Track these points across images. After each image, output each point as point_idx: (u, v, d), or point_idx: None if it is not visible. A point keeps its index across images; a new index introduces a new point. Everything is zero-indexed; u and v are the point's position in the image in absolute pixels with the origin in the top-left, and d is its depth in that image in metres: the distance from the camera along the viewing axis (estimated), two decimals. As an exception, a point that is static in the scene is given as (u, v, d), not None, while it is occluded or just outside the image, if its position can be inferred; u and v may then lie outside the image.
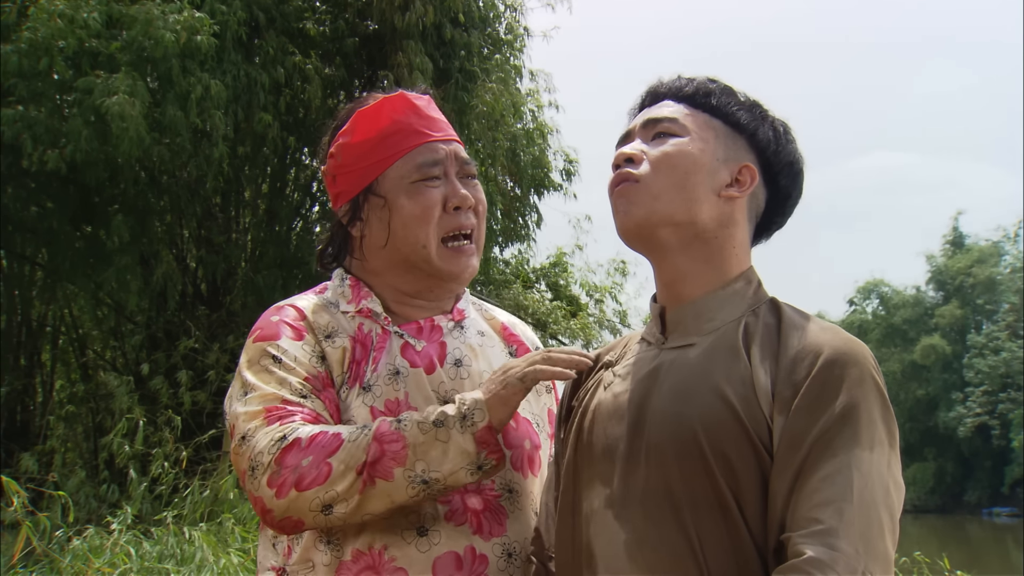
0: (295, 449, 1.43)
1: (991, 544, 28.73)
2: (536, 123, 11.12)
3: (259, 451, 1.45)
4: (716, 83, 1.47)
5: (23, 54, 7.04)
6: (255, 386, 1.52)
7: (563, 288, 13.17)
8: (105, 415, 8.85)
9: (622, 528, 1.32)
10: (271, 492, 1.43)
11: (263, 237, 10.27)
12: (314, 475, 1.42)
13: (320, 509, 1.42)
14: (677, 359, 1.37)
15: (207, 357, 8.39)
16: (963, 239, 49.17)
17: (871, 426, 1.25)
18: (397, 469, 1.42)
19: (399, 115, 1.65)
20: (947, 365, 45.52)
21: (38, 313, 9.95)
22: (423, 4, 8.94)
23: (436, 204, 1.61)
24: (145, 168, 8.64)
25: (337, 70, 9.88)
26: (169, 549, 4.84)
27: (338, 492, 1.42)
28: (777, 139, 1.45)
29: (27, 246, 9.15)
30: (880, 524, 1.21)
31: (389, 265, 1.65)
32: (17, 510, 4.45)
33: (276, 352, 1.55)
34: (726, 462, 1.26)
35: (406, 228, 1.61)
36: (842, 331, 1.33)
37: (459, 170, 1.66)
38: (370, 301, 1.64)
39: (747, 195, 1.42)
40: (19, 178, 8.03)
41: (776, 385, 1.28)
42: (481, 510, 1.54)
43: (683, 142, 1.41)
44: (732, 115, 1.44)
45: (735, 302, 1.39)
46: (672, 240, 1.40)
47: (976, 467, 43.30)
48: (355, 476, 1.42)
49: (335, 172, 1.68)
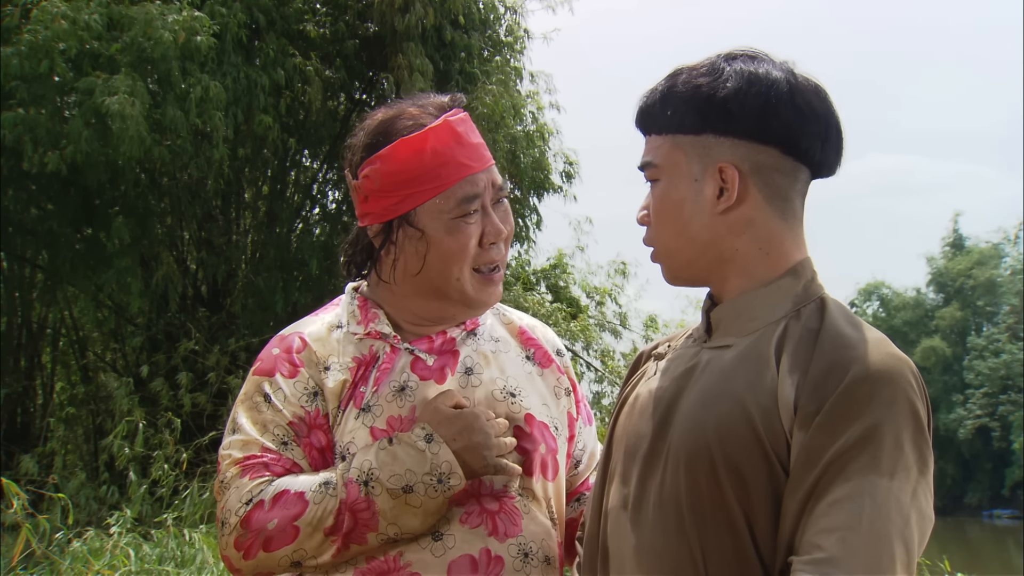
0: (259, 511, 1.47)
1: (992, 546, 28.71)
2: (536, 125, 11.11)
3: (228, 509, 1.50)
4: (656, 95, 1.35)
5: (24, 56, 7.05)
6: (242, 427, 1.56)
7: (563, 290, 13.16)
8: (105, 417, 8.85)
9: (633, 531, 1.30)
10: (239, 554, 1.48)
11: (263, 239, 10.26)
12: (281, 538, 1.46)
13: (290, 566, 1.48)
14: (712, 360, 1.32)
15: (207, 359, 8.39)
16: (963, 241, 49.18)
17: (896, 451, 1.16)
18: (370, 534, 1.47)
19: (442, 146, 1.60)
20: (947, 367, 45.51)
21: (38, 315, 9.94)
22: (423, 6, 8.95)
23: (473, 238, 1.59)
24: (145, 170, 8.65)
25: (337, 72, 9.89)
26: (169, 551, 4.83)
27: (307, 551, 1.47)
28: (726, 105, 1.29)
29: (27, 248, 9.15)
30: (891, 557, 1.13)
31: (417, 291, 1.63)
32: (17, 512, 4.45)
33: (268, 390, 1.57)
34: (737, 474, 1.21)
35: (443, 263, 1.59)
36: (887, 344, 1.24)
37: (494, 196, 1.63)
38: (378, 323, 1.63)
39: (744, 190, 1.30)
40: (20, 180, 8.04)
41: (800, 398, 1.20)
42: (496, 511, 1.54)
43: (662, 187, 1.35)
44: (682, 122, 1.31)
45: (779, 299, 1.30)
46: (701, 271, 1.36)
47: (976, 469, 43.27)
48: (323, 537, 1.46)
49: (368, 192, 1.63)
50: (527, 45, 11.07)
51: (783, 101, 1.29)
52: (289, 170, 10.76)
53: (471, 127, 1.67)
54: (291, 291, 9.65)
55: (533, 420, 1.62)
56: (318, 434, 1.56)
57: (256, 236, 10.42)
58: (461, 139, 1.62)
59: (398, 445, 1.49)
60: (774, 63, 1.33)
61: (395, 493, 1.44)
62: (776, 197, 1.32)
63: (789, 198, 1.33)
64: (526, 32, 11.08)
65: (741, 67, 1.31)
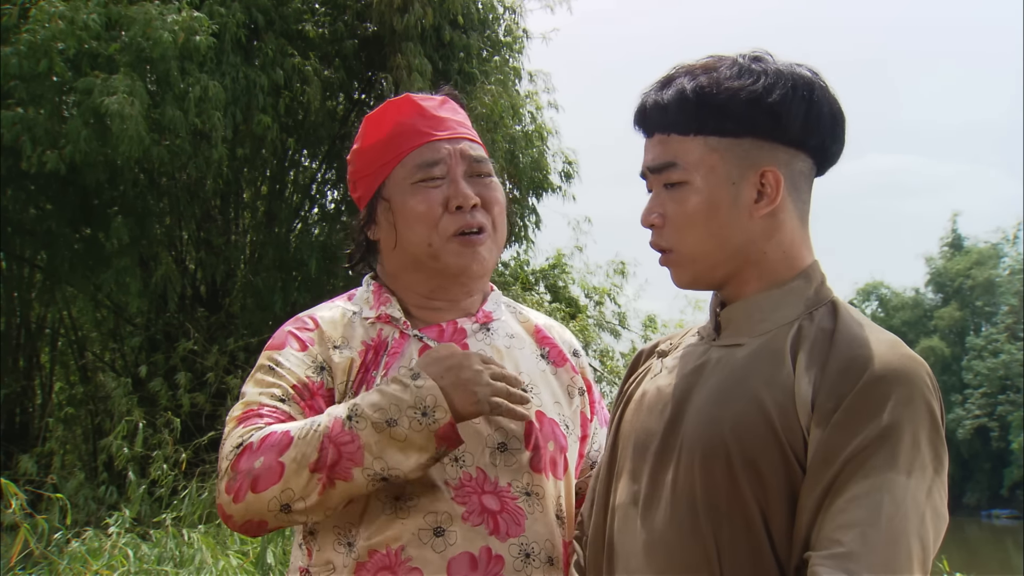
0: (247, 453, 1.45)
1: (991, 546, 28.71)
2: (535, 125, 11.11)
3: (221, 458, 1.49)
4: (690, 95, 1.30)
5: (23, 56, 7.04)
6: (244, 393, 1.57)
7: (562, 290, 13.15)
8: (104, 417, 8.85)
9: (643, 528, 1.29)
10: (229, 498, 1.45)
11: (262, 239, 10.26)
12: (267, 476, 1.42)
13: (279, 509, 1.43)
14: (723, 358, 1.31)
15: (206, 359, 8.38)
16: (962, 241, 49.22)
17: (913, 449, 1.18)
18: (355, 469, 1.42)
19: (403, 117, 1.64)
20: (946, 367, 45.51)
21: (37, 315, 9.94)
22: (422, 6, 8.94)
23: (436, 204, 1.60)
24: (144, 170, 8.64)
25: (336, 72, 9.88)
26: (168, 551, 4.83)
27: (294, 491, 1.42)
28: (774, 112, 1.28)
29: (26, 248, 9.15)
30: (908, 553, 1.14)
31: (401, 266, 1.65)
32: (16, 512, 4.45)
33: (273, 362, 1.58)
34: (754, 471, 1.21)
35: (409, 229, 1.60)
36: (901, 345, 1.25)
37: (467, 168, 1.63)
38: (389, 307, 1.64)
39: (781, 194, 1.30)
40: (18, 180, 8.03)
41: (818, 396, 1.21)
42: (498, 511, 1.53)
43: (691, 190, 1.30)
44: (722, 126, 1.29)
45: (791, 301, 1.31)
46: (724, 275, 1.34)
47: (975, 469, 43.29)
48: (309, 474, 1.42)
49: (353, 178, 1.69)
50: (526, 45, 11.08)
51: (823, 112, 1.31)
52: (288, 170, 10.76)
53: (445, 106, 1.68)
54: (290, 291, 9.65)
55: (544, 417, 1.61)
56: (319, 402, 1.56)
57: (255, 236, 10.42)
58: (424, 112, 1.65)
59: (385, 383, 1.49)
60: (799, 65, 1.33)
61: (379, 426, 1.42)
62: (800, 200, 1.34)
63: (807, 201, 1.35)
64: (525, 32, 11.09)
65: (779, 70, 1.30)
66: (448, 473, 1.53)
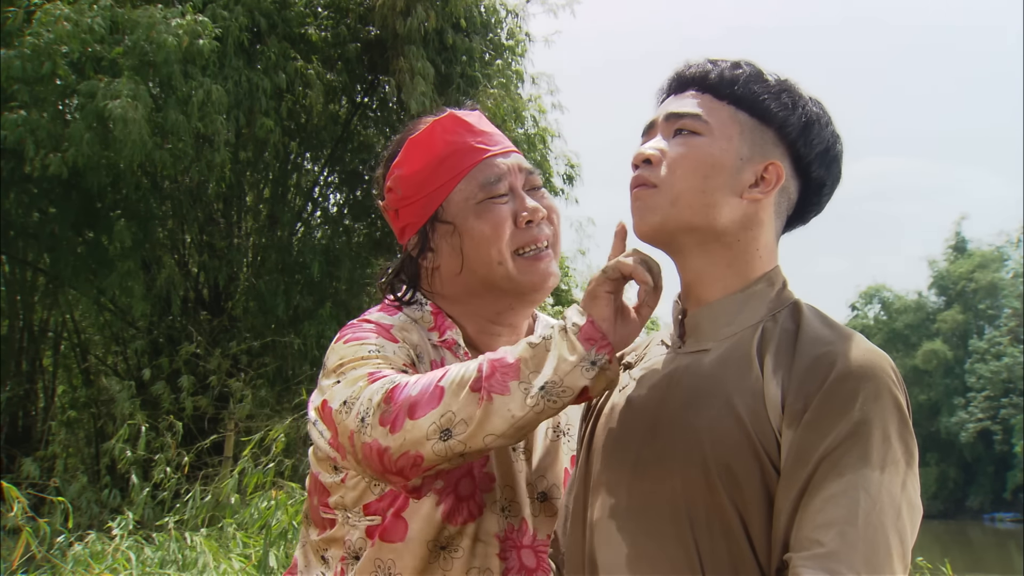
0: (401, 387, 1.36)
1: (993, 549, 28.69)
2: (538, 128, 11.13)
3: (367, 400, 1.37)
4: (742, 69, 1.35)
5: (26, 59, 7.06)
6: (353, 365, 1.45)
7: (565, 293, 13.16)
8: (107, 420, 8.86)
9: (624, 540, 1.29)
10: (384, 429, 1.34)
11: (265, 242, 10.28)
12: (427, 400, 1.33)
13: (438, 435, 1.32)
14: (691, 365, 1.32)
15: (209, 362, 8.39)
16: (965, 244, 49.21)
17: (884, 444, 1.18)
18: (512, 382, 1.30)
19: (451, 135, 1.57)
20: (949, 370, 45.51)
21: (40, 318, 9.96)
22: (425, 9, 8.96)
23: (506, 220, 1.54)
24: (147, 173, 8.66)
25: (339, 75, 9.90)
26: (171, 555, 4.83)
27: (454, 412, 1.31)
28: (808, 128, 1.34)
29: (29, 251, 9.17)
30: (888, 548, 1.15)
31: (467, 290, 1.58)
32: (18, 515, 4.46)
33: (374, 344, 1.49)
34: (731, 477, 1.21)
35: (479, 249, 1.54)
36: (863, 341, 1.26)
37: (524, 181, 1.59)
38: (454, 332, 1.58)
39: (773, 194, 1.34)
40: (21, 183, 8.05)
41: (787, 397, 1.22)
42: (534, 568, 1.52)
43: (704, 142, 1.32)
44: (758, 106, 1.33)
45: (755, 305, 1.32)
46: (690, 244, 1.33)
47: (978, 472, 43.23)
48: (469, 392, 1.31)
49: (396, 206, 1.60)
50: (528, 48, 11.10)
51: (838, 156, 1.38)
52: (290, 173, 10.77)
53: (483, 120, 1.63)
54: (292, 294, 9.66)
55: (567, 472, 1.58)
56: None
57: (257, 239, 10.44)
58: (471, 127, 1.59)
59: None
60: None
61: (533, 343, 1.33)
62: (779, 217, 1.37)
63: (781, 227, 1.39)
64: (527, 35, 11.10)
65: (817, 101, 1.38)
66: (498, 525, 1.52)
